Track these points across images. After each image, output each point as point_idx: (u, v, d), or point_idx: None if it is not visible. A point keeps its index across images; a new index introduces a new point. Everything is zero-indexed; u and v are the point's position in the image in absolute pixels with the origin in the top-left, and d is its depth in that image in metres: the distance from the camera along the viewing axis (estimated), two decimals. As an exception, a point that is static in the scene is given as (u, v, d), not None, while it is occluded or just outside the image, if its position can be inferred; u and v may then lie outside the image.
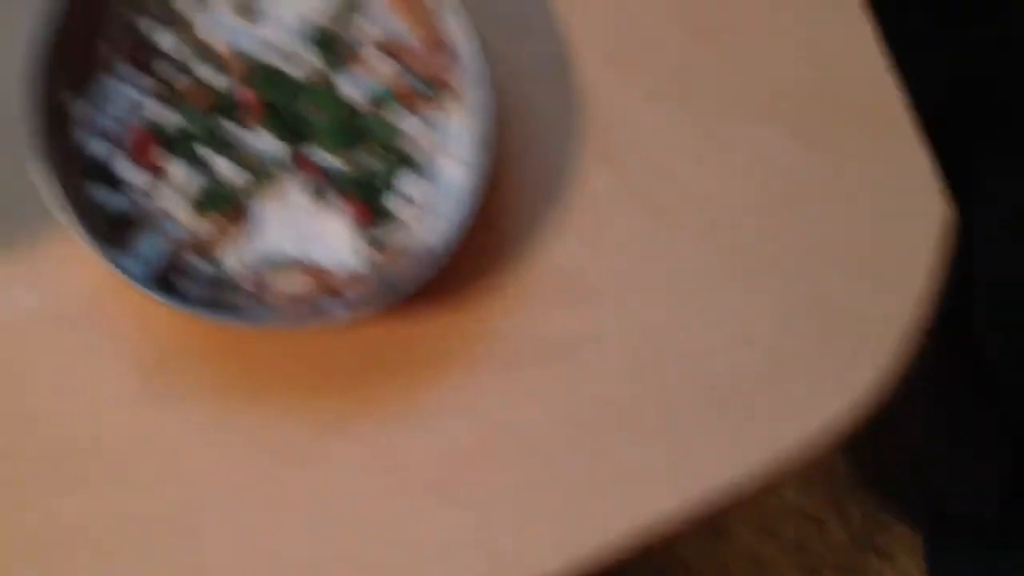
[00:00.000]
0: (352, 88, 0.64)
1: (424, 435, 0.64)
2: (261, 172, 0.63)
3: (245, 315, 0.60)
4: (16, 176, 0.63)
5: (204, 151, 0.63)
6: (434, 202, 0.64)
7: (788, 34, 0.70)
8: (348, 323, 0.62)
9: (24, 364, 0.63)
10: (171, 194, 0.63)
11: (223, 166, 0.63)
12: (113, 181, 0.62)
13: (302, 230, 0.63)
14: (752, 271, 0.67)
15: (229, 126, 0.63)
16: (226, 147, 0.63)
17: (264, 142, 0.63)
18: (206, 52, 0.64)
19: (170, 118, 0.63)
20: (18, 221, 0.64)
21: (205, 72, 0.63)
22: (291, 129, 0.64)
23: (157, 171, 0.63)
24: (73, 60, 0.62)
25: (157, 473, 0.62)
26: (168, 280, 0.62)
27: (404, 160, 0.64)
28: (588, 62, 0.68)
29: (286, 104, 0.64)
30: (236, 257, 0.63)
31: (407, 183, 0.64)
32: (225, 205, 0.63)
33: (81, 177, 0.61)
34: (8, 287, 0.63)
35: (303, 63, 0.65)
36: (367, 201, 0.63)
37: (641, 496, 0.64)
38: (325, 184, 0.64)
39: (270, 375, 0.64)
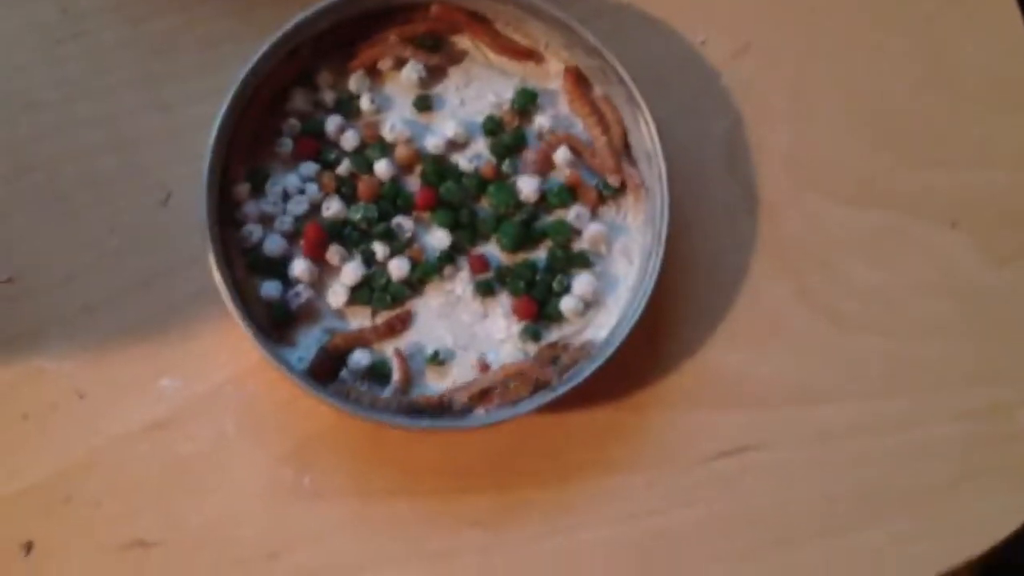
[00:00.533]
0: (527, 185, 0.63)
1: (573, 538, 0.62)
2: (429, 267, 0.62)
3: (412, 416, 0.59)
4: (186, 267, 0.63)
5: (377, 246, 0.62)
6: (602, 300, 0.63)
7: (970, 137, 0.68)
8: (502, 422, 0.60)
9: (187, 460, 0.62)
10: (339, 289, 0.62)
11: (394, 262, 0.62)
12: (283, 275, 0.62)
13: (464, 326, 0.62)
14: (933, 382, 0.65)
15: (402, 220, 0.63)
16: (398, 242, 0.62)
17: (435, 238, 0.63)
18: (383, 146, 0.64)
19: (346, 214, 0.62)
20: (188, 311, 0.63)
21: (382, 167, 0.63)
22: (463, 224, 0.63)
23: (327, 266, 0.62)
24: (250, 152, 0.62)
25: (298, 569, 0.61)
26: (324, 373, 0.61)
27: (577, 259, 0.63)
28: (764, 163, 0.67)
29: (460, 199, 0.63)
30: (393, 350, 0.62)
31: (577, 281, 0.63)
32: (390, 299, 0.62)
33: (248, 270, 0.61)
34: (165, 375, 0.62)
35: (478, 158, 0.64)
36: (534, 298, 0.62)
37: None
38: (493, 280, 0.63)
39: (415, 470, 0.62)
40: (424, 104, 0.65)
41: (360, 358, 0.61)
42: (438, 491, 0.62)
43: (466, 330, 0.62)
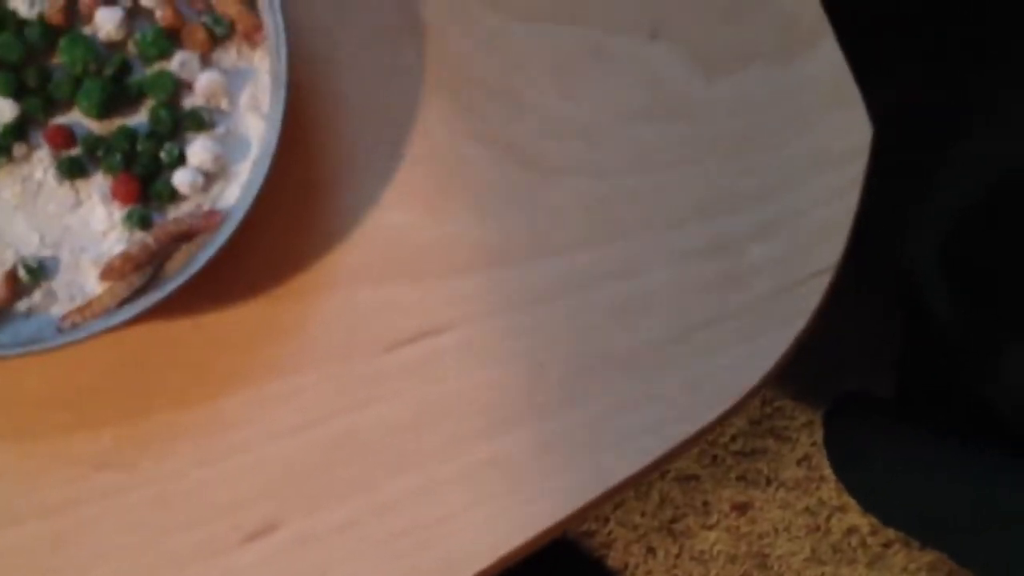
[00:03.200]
0: (107, 19, 0.50)
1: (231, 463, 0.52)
2: (-7, 147, 0.50)
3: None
4: None
5: None
6: (230, 168, 0.51)
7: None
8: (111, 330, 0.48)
9: None
10: None
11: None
12: None
13: (53, 218, 0.50)
14: (647, 221, 0.56)
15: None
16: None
17: (-4, 108, 0.50)
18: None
19: None
20: None
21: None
22: (32, 89, 0.50)
23: None
24: None
25: None
26: None
27: (189, 119, 0.51)
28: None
29: (19, 56, 0.50)
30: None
31: (192, 147, 0.50)
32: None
33: None
34: None
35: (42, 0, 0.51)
36: (137, 174, 0.50)
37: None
38: (81, 157, 0.50)
39: (14, 408, 0.52)
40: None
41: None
42: (48, 431, 0.52)
43: (56, 223, 0.50)
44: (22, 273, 0.49)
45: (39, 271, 0.49)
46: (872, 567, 1.21)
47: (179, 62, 0.51)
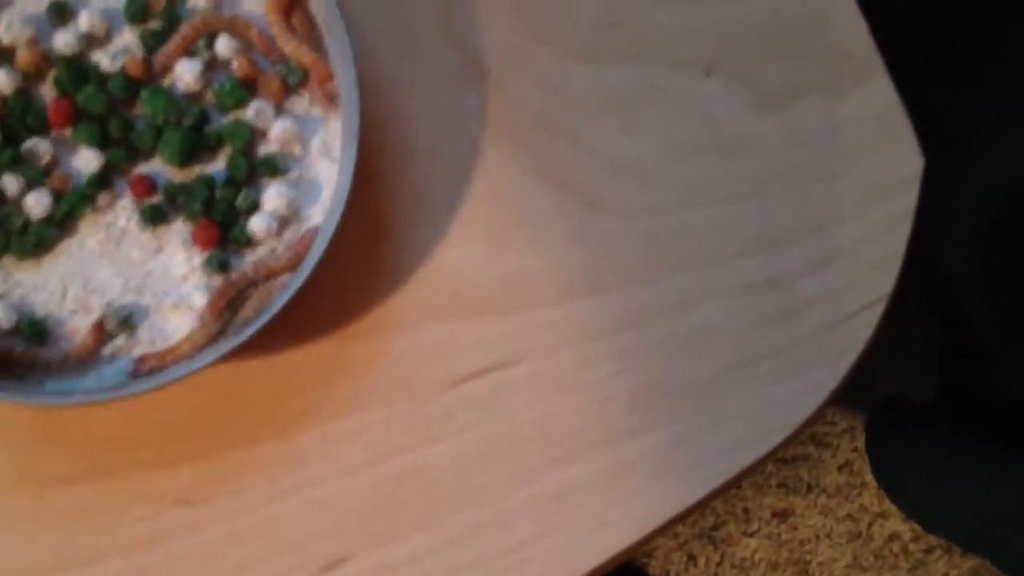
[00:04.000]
0: (187, 71, 0.52)
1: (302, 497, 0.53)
2: (78, 197, 0.51)
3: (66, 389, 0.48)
4: None
5: (7, 179, 0.50)
6: (302, 213, 0.52)
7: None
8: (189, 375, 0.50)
9: None
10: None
11: (32, 196, 0.50)
12: None
13: (135, 265, 0.51)
14: (703, 258, 0.57)
15: (36, 142, 0.51)
16: (34, 170, 0.51)
17: (82, 159, 0.51)
18: None
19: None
20: None
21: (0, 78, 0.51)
22: (115, 139, 0.51)
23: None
24: None
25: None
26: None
27: (264, 166, 0.52)
28: (485, 18, 0.56)
29: (102, 108, 0.51)
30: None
31: (267, 193, 0.51)
32: (33, 244, 0.50)
33: None
34: None
35: (123, 53, 0.52)
36: (215, 220, 0.51)
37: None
38: (162, 204, 0.51)
39: (96, 447, 0.52)
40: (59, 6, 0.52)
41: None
42: (128, 469, 0.53)
43: (138, 269, 0.51)
44: (110, 324, 0.50)
45: (128, 321, 0.50)
46: (913, 573, 1.20)
47: (255, 111, 0.52)
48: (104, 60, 0.52)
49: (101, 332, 0.49)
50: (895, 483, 1.06)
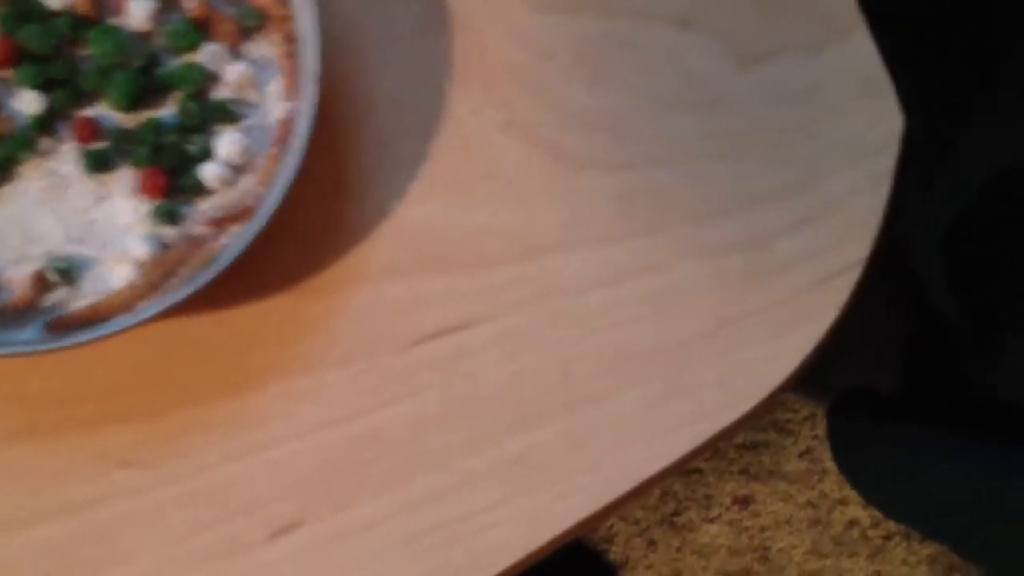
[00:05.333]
0: (139, 10, 0.49)
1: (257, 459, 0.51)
2: (20, 141, 0.48)
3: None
4: None
5: None
6: (257, 161, 0.49)
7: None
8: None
9: None
10: None
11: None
12: None
13: (78, 213, 0.49)
14: (676, 217, 0.55)
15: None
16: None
17: (23, 101, 0.49)
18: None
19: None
20: None
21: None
22: (59, 81, 0.49)
23: None
24: None
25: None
26: None
27: (217, 111, 0.50)
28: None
29: (47, 48, 0.49)
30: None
31: (221, 140, 0.49)
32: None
33: None
34: None
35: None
36: (165, 167, 0.49)
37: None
38: (108, 150, 0.49)
39: (36, 403, 0.50)
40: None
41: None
42: (70, 427, 0.50)
43: (81, 218, 0.49)
44: (51, 275, 0.48)
45: (69, 272, 0.48)
46: (873, 560, 1.21)
47: (209, 53, 0.49)
48: (52, -1, 0.49)
49: (41, 283, 0.47)
50: (856, 470, 1.07)
